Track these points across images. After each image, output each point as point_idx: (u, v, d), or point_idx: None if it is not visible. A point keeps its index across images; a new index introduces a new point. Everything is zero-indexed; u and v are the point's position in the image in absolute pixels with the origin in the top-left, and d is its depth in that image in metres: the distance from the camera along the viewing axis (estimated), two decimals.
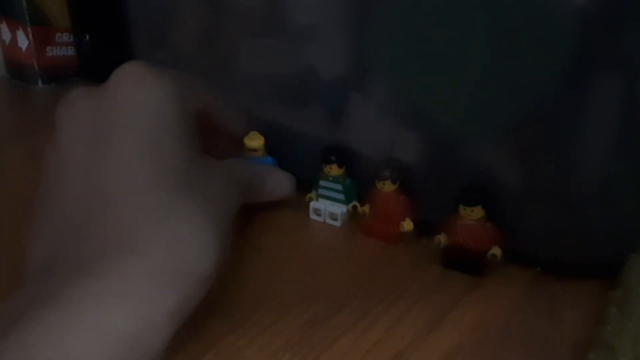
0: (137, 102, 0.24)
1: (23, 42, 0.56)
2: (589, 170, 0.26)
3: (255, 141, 0.34)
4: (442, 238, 0.28)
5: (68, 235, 0.22)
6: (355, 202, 0.32)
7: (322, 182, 0.32)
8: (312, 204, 0.33)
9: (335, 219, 0.32)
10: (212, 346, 0.23)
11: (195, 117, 0.27)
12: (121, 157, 0.23)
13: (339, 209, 0.32)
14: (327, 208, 0.32)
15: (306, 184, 0.33)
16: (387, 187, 0.30)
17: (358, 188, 0.32)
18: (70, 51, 0.58)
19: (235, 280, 0.28)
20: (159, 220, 0.21)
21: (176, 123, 0.24)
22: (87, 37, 0.55)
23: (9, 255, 0.28)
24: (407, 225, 0.30)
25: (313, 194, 0.33)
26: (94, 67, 0.55)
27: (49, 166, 0.25)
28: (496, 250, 0.27)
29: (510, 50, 0.26)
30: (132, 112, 0.24)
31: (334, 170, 0.32)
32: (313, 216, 0.33)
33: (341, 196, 0.32)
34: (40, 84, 0.57)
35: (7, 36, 0.57)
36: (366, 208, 0.31)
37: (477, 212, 0.27)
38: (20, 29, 0.55)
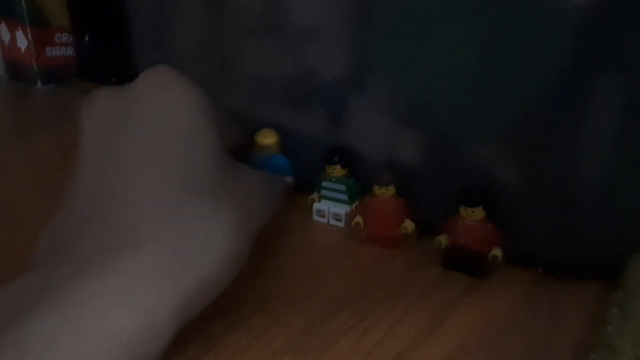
0: (165, 106, 0.24)
1: (22, 42, 0.55)
2: (590, 171, 0.26)
3: (268, 138, 0.33)
4: (442, 239, 0.28)
5: (77, 228, 0.22)
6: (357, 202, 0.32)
7: (324, 183, 0.32)
8: (316, 206, 0.33)
9: (340, 220, 0.32)
10: (213, 347, 0.23)
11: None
12: (138, 157, 0.23)
13: (343, 210, 0.32)
14: (331, 209, 0.32)
15: (307, 185, 0.33)
16: (390, 191, 0.30)
17: (360, 188, 0.32)
18: (70, 51, 0.57)
19: (236, 280, 0.28)
20: (166, 220, 0.21)
21: (204, 130, 0.24)
22: (87, 38, 0.55)
23: (8, 254, 0.28)
24: (410, 226, 0.29)
25: (315, 195, 0.33)
26: (94, 67, 0.55)
27: (76, 163, 0.25)
28: (497, 251, 0.27)
29: (510, 50, 0.26)
30: (157, 114, 0.24)
31: (338, 171, 0.32)
32: (316, 217, 0.33)
33: (344, 196, 0.32)
34: (39, 85, 0.57)
35: (6, 36, 0.57)
36: (359, 219, 0.30)
37: (478, 212, 0.27)
38: (20, 29, 0.55)
